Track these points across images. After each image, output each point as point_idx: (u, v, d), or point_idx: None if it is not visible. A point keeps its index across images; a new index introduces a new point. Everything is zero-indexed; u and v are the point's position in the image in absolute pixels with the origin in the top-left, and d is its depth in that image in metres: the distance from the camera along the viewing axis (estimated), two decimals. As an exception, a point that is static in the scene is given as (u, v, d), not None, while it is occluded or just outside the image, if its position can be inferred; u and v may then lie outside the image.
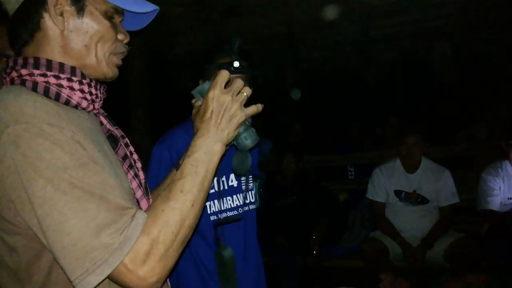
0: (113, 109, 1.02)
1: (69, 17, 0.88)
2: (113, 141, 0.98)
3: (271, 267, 3.17)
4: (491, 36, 5.15)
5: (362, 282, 3.17)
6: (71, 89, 0.87)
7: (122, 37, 0.97)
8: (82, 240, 0.73)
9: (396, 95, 6.78)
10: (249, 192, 1.67)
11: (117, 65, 0.97)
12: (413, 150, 3.24)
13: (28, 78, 0.85)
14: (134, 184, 0.97)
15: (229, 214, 1.58)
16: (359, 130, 5.32)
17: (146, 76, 4.31)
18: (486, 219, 3.32)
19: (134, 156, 1.04)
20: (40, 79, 0.85)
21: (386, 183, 3.38)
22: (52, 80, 0.85)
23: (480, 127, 4.64)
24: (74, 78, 0.88)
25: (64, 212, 0.73)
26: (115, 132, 1.01)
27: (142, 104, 4.28)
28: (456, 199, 3.24)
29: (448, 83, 5.87)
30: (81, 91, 0.89)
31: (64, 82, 0.86)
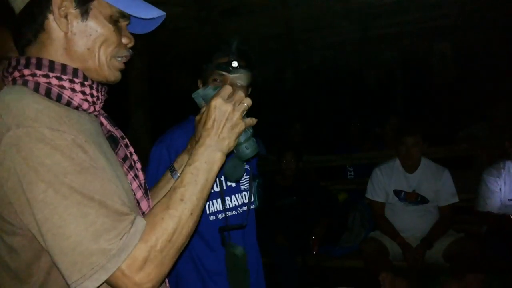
0: (113, 108, 1.02)
1: (73, 19, 0.89)
2: (113, 142, 0.98)
3: (270, 267, 3.17)
4: (491, 36, 5.14)
5: (362, 282, 3.17)
6: (73, 90, 0.87)
7: (126, 41, 0.97)
8: (81, 244, 0.73)
9: (396, 95, 6.78)
10: (248, 192, 1.67)
11: (119, 69, 0.98)
12: (413, 150, 3.23)
13: (30, 78, 0.85)
14: (134, 185, 0.98)
15: (228, 214, 1.58)
16: (359, 130, 5.31)
17: (146, 76, 4.32)
18: (484, 220, 3.32)
19: (134, 156, 1.04)
20: (42, 80, 0.85)
21: (385, 183, 3.37)
22: (54, 81, 0.85)
23: (480, 127, 4.63)
24: (76, 80, 0.88)
25: (64, 217, 0.73)
26: (115, 133, 1.02)
27: (142, 103, 4.29)
28: (455, 199, 3.24)
29: (448, 83, 5.87)
30: (83, 92, 0.89)
31: (66, 84, 0.87)
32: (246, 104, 1.00)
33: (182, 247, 0.87)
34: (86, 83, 0.90)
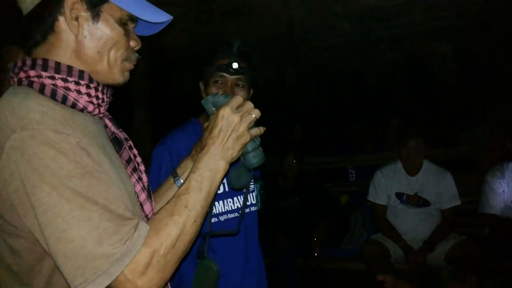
0: (115, 110, 1.02)
1: (84, 22, 0.89)
2: (117, 144, 0.98)
3: (272, 269, 3.16)
4: (492, 38, 5.13)
5: (364, 285, 3.16)
6: (78, 92, 0.87)
7: (134, 44, 0.98)
8: (85, 248, 0.73)
9: (397, 97, 6.77)
10: (251, 194, 1.66)
11: (128, 70, 0.98)
12: (415, 153, 3.23)
13: (36, 79, 0.85)
14: (138, 187, 0.98)
15: (230, 216, 1.58)
16: (360, 132, 5.31)
17: (148, 77, 4.32)
18: (486, 223, 3.31)
19: (137, 159, 1.05)
20: (48, 82, 0.85)
21: (387, 185, 3.36)
22: (60, 83, 0.85)
23: (482, 129, 4.63)
24: (82, 82, 0.88)
25: (67, 220, 0.73)
26: (119, 135, 1.02)
27: (143, 105, 4.29)
28: (457, 202, 3.23)
29: (449, 84, 5.86)
30: (88, 94, 0.89)
31: (72, 86, 0.87)
32: (254, 116, 1.01)
33: (184, 253, 0.87)
34: (91, 85, 0.90)
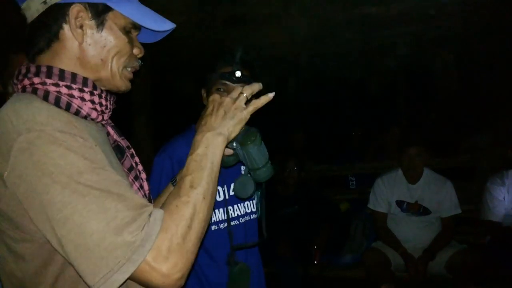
0: (116, 116, 1.03)
1: (88, 30, 0.90)
2: (119, 152, 0.99)
3: (272, 277, 3.15)
4: (493, 46, 5.15)
5: (364, 293, 3.15)
6: (82, 99, 0.88)
7: (137, 52, 0.99)
8: (105, 240, 0.73)
9: (398, 105, 6.78)
10: (251, 202, 1.66)
11: (129, 79, 0.99)
12: (415, 161, 3.23)
13: (40, 86, 0.85)
14: (139, 195, 0.98)
15: (231, 223, 1.57)
16: (361, 139, 5.31)
17: (149, 84, 4.33)
18: (488, 230, 3.30)
19: (139, 167, 1.05)
20: (52, 89, 0.85)
21: (388, 193, 3.36)
22: (64, 90, 0.86)
23: (483, 137, 4.63)
24: (86, 89, 0.89)
25: (84, 214, 0.73)
26: (122, 142, 1.02)
27: (144, 111, 4.29)
28: (458, 210, 3.22)
29: (450, 92, 5.86)
30: (92, 101, 0.90)
31: (76, 93, 0.87)
32: (244, 95, 1.01)
33: (202, 233, 0.86)
34: (95, 92, 0.91)
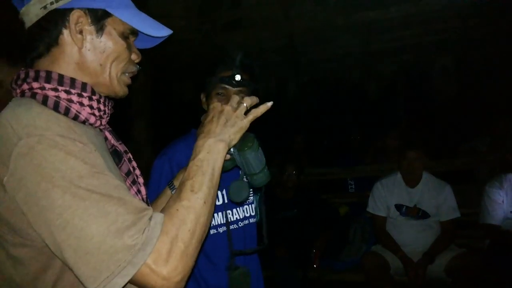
0: (115, 120, 1.03)
1: (88, 35, 0.91)
2: (117, 156, 0.99)
3: (271, 280, 3.14)
4: (492, 50, 5.17)
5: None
6: (81, 104, 0.89)
7: (135, 57, 1.00)
8: (105, 243, 0.73)
9: (397, 108, 6.79)
10: (250, 205, 1.66)
11: (127, 84, 1.00)
12: (414, 165, 3.23)
13: (39, 91, 0.86)
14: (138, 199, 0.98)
15: (230, 227, 1.57)
16: (360, 143, 5.31)
17: (148, 88, 4.33)
18: (487, 233, 3.30)
19: (136, 171, 1.05)
20: (51, 93, 0.86)
21: (387, 197, 3.36)
22: (63, 95, 0.87)
23: (481, 140, 4.63)
24: (84, 94, 0.89)
25: (84, 218, 0.73)
26: (119, 147, 1.02)
27: (144, 115, 4.29)
28: (457, 214, 3.23)
29: (449, 96, 5.88)
30: (90, 107, 0.90)
31: (74, 97, 0.88)
32: (245, 104, 1.01)
33: (202, 238, 0.86)
34: (94, 97, 0.91)
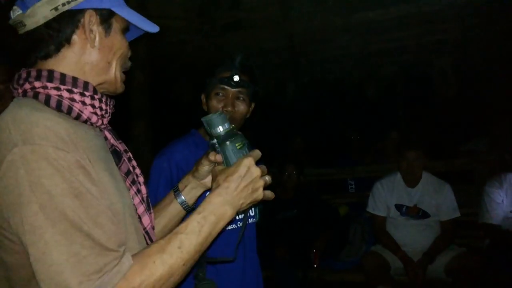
0: (115, 120, 1.03)
1: (98, 34, 0.92)
2: (117, 156, 0.99)
3: (271, 281, 3.14)
4: (491, 51, 5.17)
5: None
6: (83, 103, 0.88)
7: (130, 53, 1.01)
8: (61, 275, 0.72)
9: (397, 109, 6.80)
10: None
11: (123, 81, 1.01)
12: (414, 165, 3.24)
13: (41, 90, 0.86)
14: (137, 200, 0.98)
15: (228, 228, 1.57)
16: (360, 143, 5.31)
17: (148, 88, 4.33)
18: (487, 233, 3.30)
19: (136, 170, 1.04)
20: (53, 93, 0.86)
21: (387, 197, 3.37)
22: (65, 94, 0.86)
23: (481, 141, 4.64)
24: (86, 93, 0.89)
25: (49, 243, 0.73)
26: (119, 146, 1.02)
27: (143, 116, 4.29)
28: (457, 214, 3.23)
29: (449, 97, 5.88)
30: (92, 106, 0.90)
31: (77, 97, 0.88)
32: (267, 179, 1.02)
33: None
34: (96, 96, 0.91)
